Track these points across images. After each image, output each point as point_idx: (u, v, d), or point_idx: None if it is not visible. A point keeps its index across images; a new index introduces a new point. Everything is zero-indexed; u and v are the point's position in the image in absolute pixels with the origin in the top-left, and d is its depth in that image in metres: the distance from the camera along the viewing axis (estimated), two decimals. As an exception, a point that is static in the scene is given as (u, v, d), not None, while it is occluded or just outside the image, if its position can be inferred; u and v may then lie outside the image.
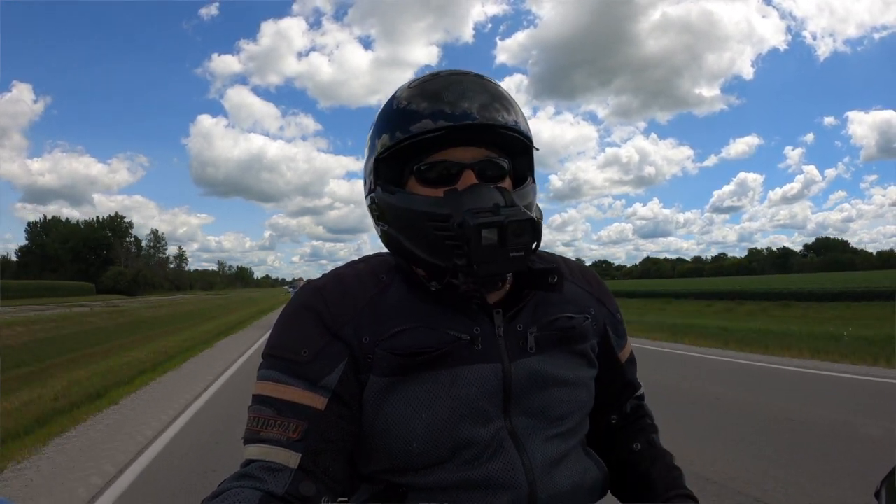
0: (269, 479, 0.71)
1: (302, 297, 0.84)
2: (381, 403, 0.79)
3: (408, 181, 0.85)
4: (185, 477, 4.40)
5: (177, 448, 5.27)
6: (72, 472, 4.67)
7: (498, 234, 0.74)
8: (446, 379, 0.79)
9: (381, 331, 0.80)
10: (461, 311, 0.83)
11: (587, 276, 1.00)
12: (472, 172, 0.82)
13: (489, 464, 0.79)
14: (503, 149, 0.87)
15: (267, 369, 0.79)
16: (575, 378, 0.89)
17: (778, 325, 15.32)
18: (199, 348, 14.36)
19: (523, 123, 0.86)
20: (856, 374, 7.67)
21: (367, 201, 0.91)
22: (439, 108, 0.80)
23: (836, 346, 9.88)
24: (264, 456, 0.73)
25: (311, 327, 0.80)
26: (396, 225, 0.84)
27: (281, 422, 0.74)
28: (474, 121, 0.80)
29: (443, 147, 0.82)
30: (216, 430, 5.80)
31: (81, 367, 10.93)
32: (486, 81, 0.86)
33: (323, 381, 0.77)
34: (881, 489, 0.71)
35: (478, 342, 0.81)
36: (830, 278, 52.53)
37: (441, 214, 0.78)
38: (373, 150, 0.88)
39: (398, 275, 0.87)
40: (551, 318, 0.88)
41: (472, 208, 0.77)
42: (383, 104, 0.89)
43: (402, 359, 0.79)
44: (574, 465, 0.86)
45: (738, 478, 3.94)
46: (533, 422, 0.83)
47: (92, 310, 30.44)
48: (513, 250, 0.76)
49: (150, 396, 7.92)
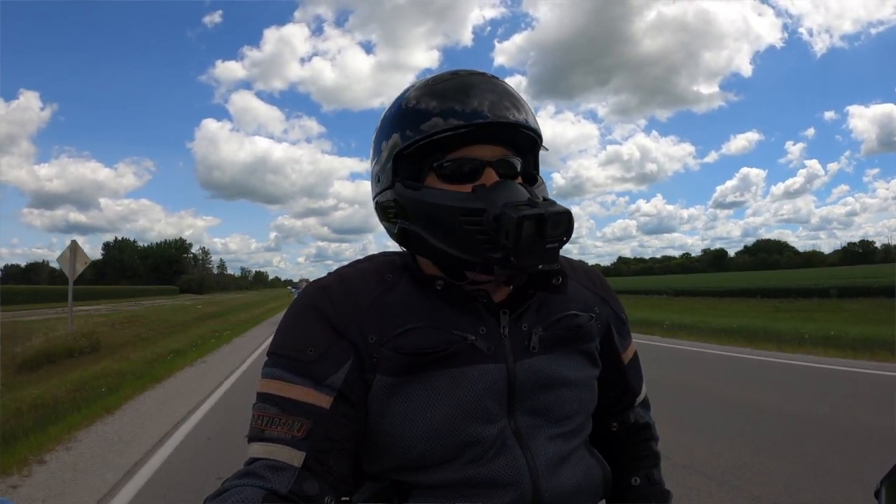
0: (273, 478, 0.65)
1: (307, 297, 0.77)
2: (386, 403, 0.72)
3: (426, 178, 0.78)
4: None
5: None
6: (214, 370, 9.11)
7: (536, 226, 0.69)
8: (452, 378, 0.73)
9: (386, 330, 0.73)
10: (467, 310, 0.76)
11: (591, 276, 0.92)
12: (493, 170, 0.76)
13: (493, 462, 0.72)
14: (515, 147, 0.80)
15: (272, 367, 0.72)
16: (579, 378, 0.81)
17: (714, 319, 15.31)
18: (267, 315, 25.44)
19: (534, 122, 0.79)
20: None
21: (380, 199, 0.82)
22: (455, 106, 0.74)
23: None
24: (268, 454, 0.67)
25: (316, 326, 0.73)
26: (420, 221, 0.76)
27: (285, 420, 0.68)
28: (494, 119, 0.74)
29: (461, 145, 0.76)
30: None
31: (202, 327, 18.22)
32: (501, 82, 0.80)
33: (328, 379, 0.70)
34: (881, 488, 0.66)
35: (483, 342, 0.75)
36: (761, 276, 55.05)
37: (475, 209, 0.72)
38: (380, 151, 0.81)
39: (404, 274, 0.79)
40: (556, 317, 0.81)
41: (510, 202, 0.71)
42: (394, 104, 0.81)
43: (408, 358, 0.72)
44: (578, 464, 0.79)
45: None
46: (537, 421, 0.76)
47: (193, 303, 39.21)
48: (549, 242, 0.71)
49: (252, 333, 16.00)
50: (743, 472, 3.51)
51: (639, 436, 0.94)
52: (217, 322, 20.76)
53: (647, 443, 0.94)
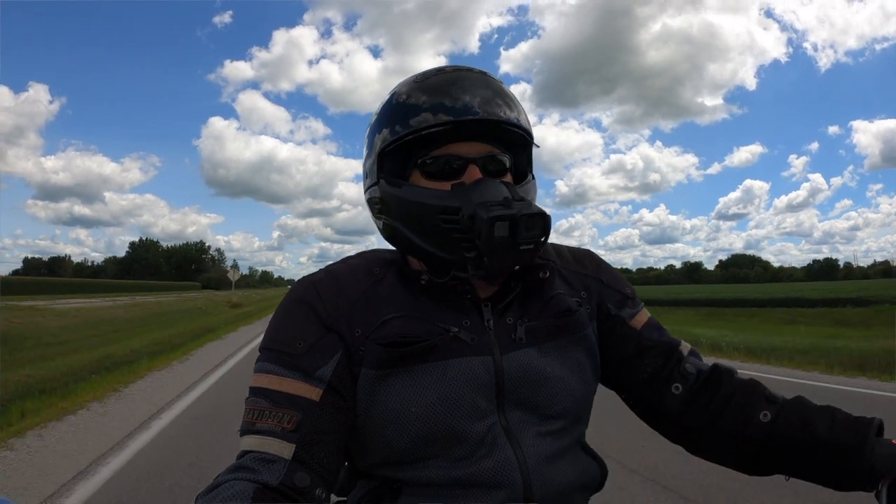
0: (264, 470, 0.62)
1: (296, 292, 0.74)
2: (372, 396, 0.70)
3: (411, 175, 0.75)
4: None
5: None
6: (235, 342, 11.54)
7: (510, 228, 0.66)
8: (436, 371, 0.69)
9: (371, 322, 0.71)
10: (451, 304, 0.73)
11: (581, 258, 0.86)
12: (477, 167, 0.73)
13: (483, 461, 0.68)
14: (504, 144, 0.76)
15: (263, 362, 0.70)
16: (570, 371, 0.75)
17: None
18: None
19: (524, 120, 0.76)
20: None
21: (367, 195, 0.80)
22: (444, 102, 0.71)
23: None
24: (259, 447, 0.64)
25: (305, 321, 0.71)
26: (401, 218, 0.74)
27: (276, 412, 0.65)
28: (478, 116, 0.71)
29: (447, 142, 0.73)
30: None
31: (231, 312, 23.70)
32: (490, 78, 0.76)
33: (318, 372, 0.68)
34: (881, 488, 0.64)
35: (467, 334, 0.71)
36: (731, 289, 55.83)
37: (451, 207, 0.69)
38: (372, 146, 0.78)
39: (391, 268, 0.77)
40: (543, 306, 0.77)
41: (483, 202, 0.68)
42: (384, 100, 0.78)
43: (388, 349, 0.69)
44: (570, 461, 0.74)
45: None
46: (527, 417, 0.72)
47: (218, 297, 45.97)
48: (523, 243, 0.68)
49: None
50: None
51: (716, 378, 0.79)
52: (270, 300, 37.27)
53: (730, 377, 0.79)
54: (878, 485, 0.66)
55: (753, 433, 0.74)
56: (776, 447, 0.73)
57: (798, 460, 0.72)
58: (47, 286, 52.32)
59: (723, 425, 0.76)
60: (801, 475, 0.73)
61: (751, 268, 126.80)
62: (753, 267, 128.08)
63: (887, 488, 0.65)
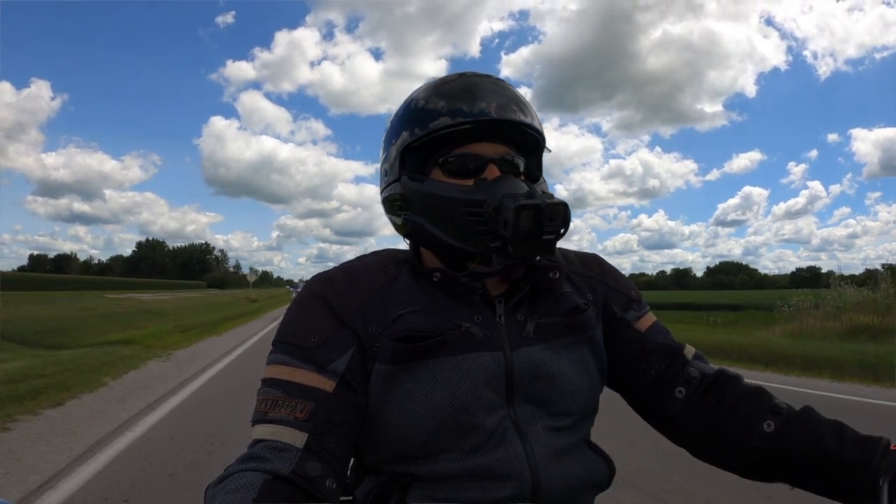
0: (275, 459, 0.61)
1: (312, 287, 0.74)
2: (385, 391, 0.69)
3: (431, 172, 0.76)
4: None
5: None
6: (251, 328, 15.81)
7: (534, 217, 0.67)
8: (448, 366, 0.69)
9: (384, 318, 0.71)
10: (463, 300, 0.74)
11: (587, 262, 0.86)
12: (496, 166, 0.74)
13: (493, 453, 0.68)
14: (518, 147, 0.78)
15: (277, 354, 0.70)
16: (578, 369, 0.75)
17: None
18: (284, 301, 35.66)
19: (538, 125, 0.78)
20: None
21: (386, 193, 0.80)
22: (464, 104, 0.73)
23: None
24: (271, 435, 0.64)
25: (320, 315, 0.71)
26: (423, 212, 0.74)
27: (289, 402, 0.65)
28: (500, 117, 0.72)
29: (466, 141, 0.74)
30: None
31: (239, 308, 27.58)
32: (507, 85, 0.78)
33: (331, 365, 0.68)
34: (881, 485, 0.64)
35: (479, 330, 0.72)
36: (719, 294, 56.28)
37: (475, 200, 0.70)
38: (388, 147, 0.79)
39: (404, 266, 0.77)
40: (552, 305, 0.77)
41: (508, 193, 0.69)
42: (403, 104, 0.79)
43: (401, 344, 0.69)
44: (577, 457, 0.74)
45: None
46: (536, 412, 0.72)
47: (238, 295, 49.10)
48: (546, 233, 0.68)
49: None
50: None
51: (722, 384, 0.78)
52: (278, 297, 44.33)
53: (736, 383, 0.78)
54: (878, 482, 0.64)
55: (757, 443, 0.73)
56: (781, 458, 0.72)
57: (803, 472, 0.71)
58: (52, 283, 53.05)
59: (727, 434, 0.75)
60: (806, 486, 0.71)
61: (735, 275, 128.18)
62: (738, 274, 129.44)
63: (888, 485, 0.64)
